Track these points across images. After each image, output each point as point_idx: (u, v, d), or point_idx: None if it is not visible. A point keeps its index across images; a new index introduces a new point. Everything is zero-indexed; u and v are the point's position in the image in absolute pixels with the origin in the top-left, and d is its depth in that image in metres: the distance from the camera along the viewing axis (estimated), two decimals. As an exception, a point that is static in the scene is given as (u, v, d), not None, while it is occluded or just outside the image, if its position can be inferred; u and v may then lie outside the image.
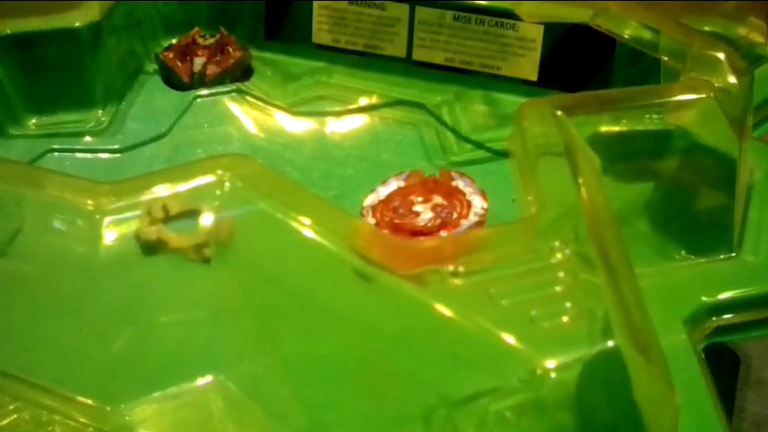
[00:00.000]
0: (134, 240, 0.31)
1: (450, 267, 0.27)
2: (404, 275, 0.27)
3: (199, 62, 0.52)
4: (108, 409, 0.31)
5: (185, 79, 0.52)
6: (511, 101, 0.52)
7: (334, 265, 0.30)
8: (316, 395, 0.32)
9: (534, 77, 0.51)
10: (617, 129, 0.36)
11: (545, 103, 0.33)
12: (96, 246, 0.30)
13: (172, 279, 0.32)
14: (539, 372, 0.26)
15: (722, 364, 0.36)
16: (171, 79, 0.53)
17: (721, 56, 0.37)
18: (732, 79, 0.36)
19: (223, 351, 0.33)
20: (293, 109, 0.53)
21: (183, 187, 0.30)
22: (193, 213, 0.31)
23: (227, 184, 0.30)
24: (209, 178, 0.30)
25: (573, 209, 0.30)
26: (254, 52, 0.55)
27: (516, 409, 0.29)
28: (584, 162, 0.32)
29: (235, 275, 0.32)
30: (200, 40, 0.53)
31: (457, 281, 0.27)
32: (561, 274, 0.27)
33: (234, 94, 0.53)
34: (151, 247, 0.31)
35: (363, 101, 0.53)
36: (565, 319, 0.26)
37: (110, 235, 0.30)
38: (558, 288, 0.27)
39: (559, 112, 0.33)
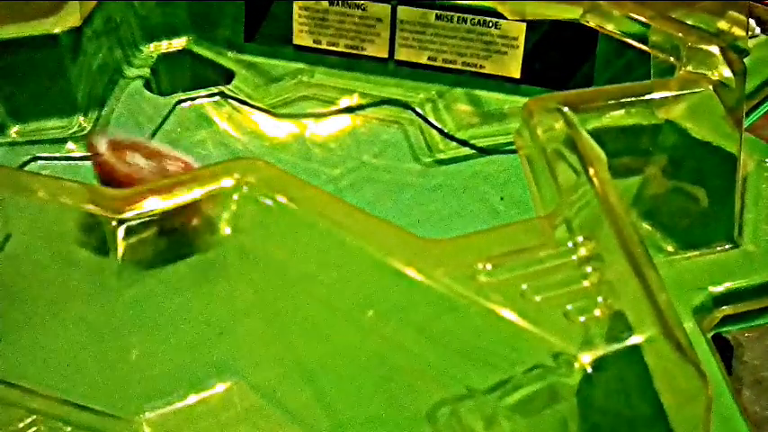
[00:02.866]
0: (149, 246, 0.31)
1: (479, 265, 0.27)
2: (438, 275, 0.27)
3: None
4: (126, 416, 0.31)
5: None
6: (494, 98, 0.52)
7: (349, 264, 0.30)
8: (330, 396, 0.32)
9: (517, 75, 0.52)
10: (617, 125, 0.37)
11: (551, 99, 0.34)
12: (111, 253, 0.30)
13: (189, 284, 0.32)
14: (577, 368, 0.26)
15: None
16: None
17: (716, 50, 0.37)
18: (727, 72, 0.37)
19: (236, 356, 0.33)
20: (276, 111, 0.52)
21: (200, 192, 0.30)
22: None
23: (244, 188, 0.30)
24: (226, 182, 0.30)
25: (587, 203, 0.30)
26: (234, 55, 0.54)
27: (526, 402, 0.29)
28: (592, 155, 0.32)
29: (249, 278, 0.32)
30: None
31: (485, 278, 0.27)
32: (589, 269, 0.27)
33: (216, 97, 0.53)
34: (166, 252, 0.31)
35: (347, 101, 0.53)
36: (597, 312, 0.26)
37: (124, 242, 0.30)
38: (587, 282, 0.27)
39: (566, 108, 0.33)
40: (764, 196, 0.39)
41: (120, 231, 0.30)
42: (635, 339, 0.26)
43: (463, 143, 0.51)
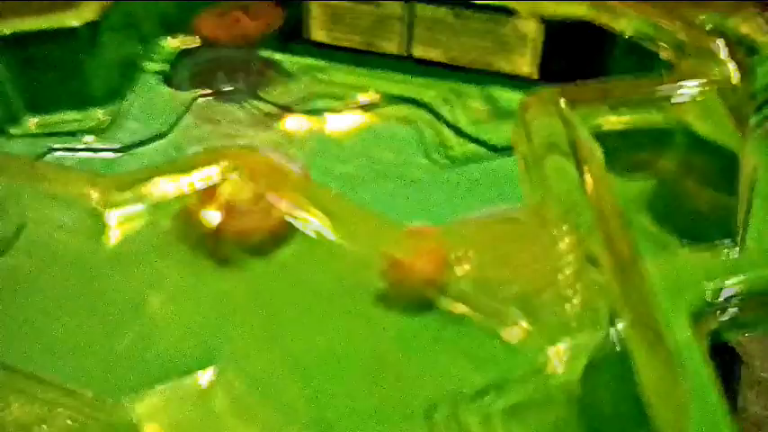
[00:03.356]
0: (140, 235, 0.31)
1: (458, 257, 0.27)
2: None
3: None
4: (113, 402, 0.31)
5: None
6: (509, 97, 0.52)
7: (340, 260, 0.31)
8: (321, 391, 0.32)
9: (532, 73, 0.52)
10: (619, 122, 0.36)
11: (548, 95, 0.34)
12: (102, 241, 0.31)
13: (178, 272, 0.32)
14: (543, 363, 0.26)
15: (723, 364, 0.36)
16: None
17: (719, 48, 0.37)
18: (731, 71, 0.37)
19: (228, 344, 0.33)
20: (292, 106, 0.53)
21: (186, 179, 0.30)
22: None
23: (232, 176, 0.30)
24: (213, 170, 0.30)
25: (579, 200, 0.30)
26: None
27: (521, 404, 0.29)
28: (587, 153, 0.32)
29: (240, 270, 0.32)
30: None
31: (464, 271, 0.27)
32: (566, 264, 0.27)
33: (233, 92, 0.53)
34: (157, 242, 0.31)
35: (362, 98, 0.53)
36: (569, 308, 0.26)
37: (115, 229, 0.31)
38: (562, 277, 0.27)
39: (563, 104, 0.33)
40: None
41: (113, 220, 0.31)
42: (611, 337, 0.26)
43: (477, 141, 0.51)
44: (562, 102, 0.33)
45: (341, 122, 0.53)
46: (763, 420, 0.34)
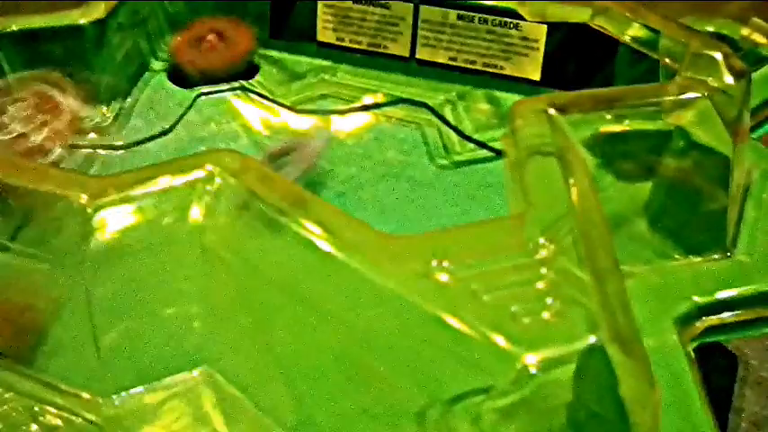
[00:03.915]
0: (127, 234, 0.31)
1: (435, 263, 0.27)
2: (392, 271, 0.27)
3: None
4: (99, 400, 0.32)
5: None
6: (514, 100, 0.51)
7: (327, 262, 0.31)
8: (306, 391, 0.32)
9: (537, 77, 0.51)
10: (616, 128, 0.36)
11: (538, 101, 0.33)
12: (89, 240, 0.31)
13: (165, 273, 0.32)
14: (519, 369, 0.26)
15: (720, 363, 0.36)
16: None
17: (718, 56, 0.37)
18: (728, 80, 0.36)
19: (215, 345, 0.33)
20: (297, 107, 0.53)
21: (175, 182, 0.30)
22: None
23: (218, 179, 0.30)
24: (200, 173, 0.30)
25: (566, 209, 0.30)
26: (258, 50, 0.55)
27: (510, 406, 0.29)
28: (575, 162, 0.32)
29: (228, 270, 0.32)
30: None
31: (443, 276, 0.27)
32: (545, 271, 0.27)
33: (238, 91, 0.53)
34: (145, 243, 0.32)
35: (367, 99, 0.53)
36: (546, 315, 0.26)
37: (102, 229, 0.31)
38: (540, 284, 0.27)
39: (552, 111, 0.33)
40: (765, 206, 0.38)
41: (102, 220, 0.31)
42: (588, 343, 0.26)
43: (481, 145, 0.51)
44: (551, 109, 0.33)
45: (346, 123, 0.53)
46: (761, 420, 0.34)
